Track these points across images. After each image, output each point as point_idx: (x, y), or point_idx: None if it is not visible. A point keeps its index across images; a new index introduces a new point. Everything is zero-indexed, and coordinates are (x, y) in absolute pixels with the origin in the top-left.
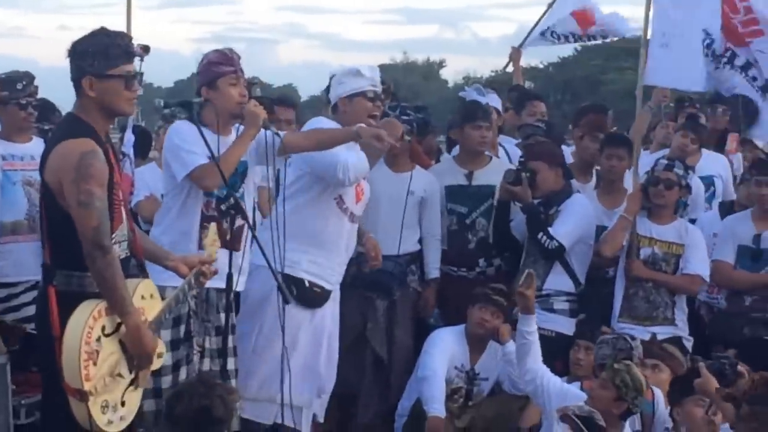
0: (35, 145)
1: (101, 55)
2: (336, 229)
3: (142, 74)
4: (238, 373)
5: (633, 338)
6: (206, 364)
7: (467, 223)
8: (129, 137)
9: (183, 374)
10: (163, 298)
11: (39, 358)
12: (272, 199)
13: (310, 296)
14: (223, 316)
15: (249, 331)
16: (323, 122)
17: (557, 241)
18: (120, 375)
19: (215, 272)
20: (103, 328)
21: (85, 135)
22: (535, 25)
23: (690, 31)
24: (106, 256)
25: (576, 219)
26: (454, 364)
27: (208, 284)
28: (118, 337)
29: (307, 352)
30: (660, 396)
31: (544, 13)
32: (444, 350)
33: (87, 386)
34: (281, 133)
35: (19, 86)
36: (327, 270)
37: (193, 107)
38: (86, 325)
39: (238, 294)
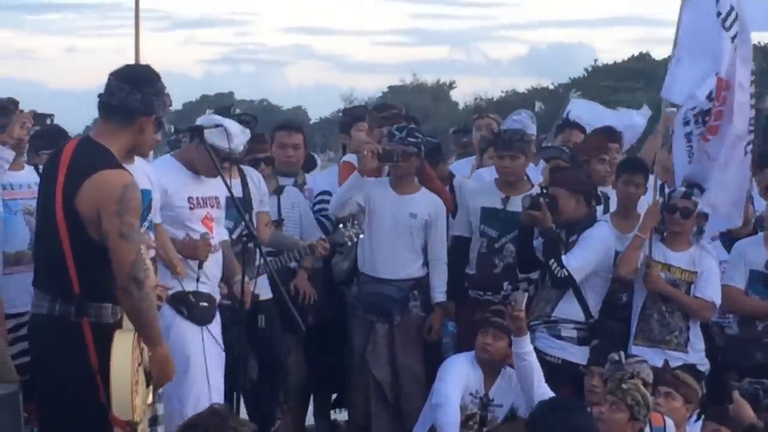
0: (29, 173)
1: (165, 99)
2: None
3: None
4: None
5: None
6: None
7: (496, 247)
8: None
9: None
10: None
11: (54, 390)
12: (270, 224)
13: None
14: None
15: None
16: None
17: (567, 271)
18: (149, 403)
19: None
20: (139, 359)
21: (119, 167)
22: None
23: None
24: (142, 289)
25: (592, 251)
26: (468, 390)
27: None
28: (143, 365)
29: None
30: (671, 425)
31: None
32: (458, 376)
33: (135, 417)
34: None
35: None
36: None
37: (203, 133)
38: (133, 358)
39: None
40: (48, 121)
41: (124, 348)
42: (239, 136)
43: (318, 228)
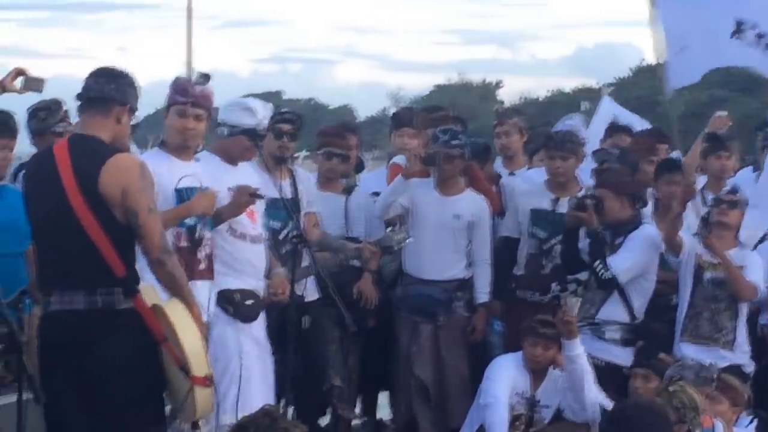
0: None
1: (137, 96)
2: (243, 252)
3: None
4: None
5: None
6: None
7: (545, 248)
8: None
9: None
10: None
11: (108, 378)
12: (317, 224)
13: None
14: None
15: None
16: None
17: (612, 273)
18: None
19: None
20: None
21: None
22: None
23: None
24: (173, 256)
25: (638, 253)
26: (515, 390)
27: None
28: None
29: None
30: (720, 427)
31: None
32: (506, 377)
33: (210, 370)
34: None
35: (42, 115)
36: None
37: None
38: (191, 319)
39: None
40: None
41: (180, 313)
42: (262, 110)
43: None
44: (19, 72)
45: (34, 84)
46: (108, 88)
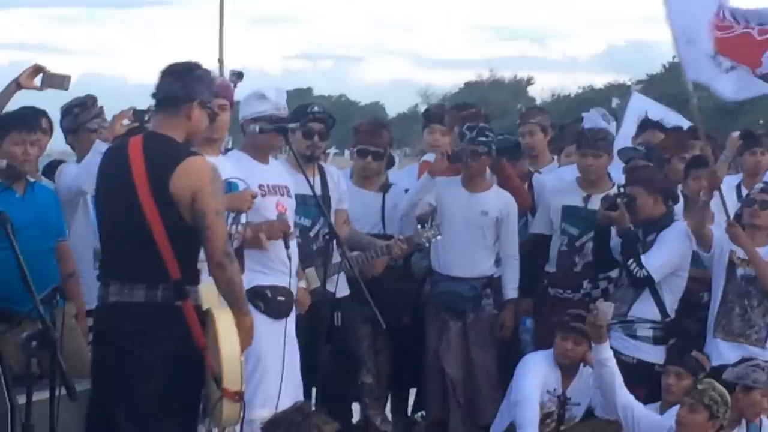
0: None
1: (209, 86)
2: (274, 249)
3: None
4: None
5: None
6: None
7: (576, 245)
8: None
9: None
10: None
11: (156, 372)
12: (347, 221)
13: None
14: None
15: None
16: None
17: (647, 271)
18: None
19: None
20: None
21: (196, 153)
22: None
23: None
24: (234, 262)
25: (671, 251)
26: (546, 388)
27: None
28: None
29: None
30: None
31: None
32: (536, 374)
33: (243, 387)
34: None
35: (76, 111)
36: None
37: (288, 131)
38: (236, 331)
39: None
40: (146, 118)
41: (227, 323)
42: (274, 94)
43: None
44: (38, 69)
45: (56, 81)
46: (174, 88)
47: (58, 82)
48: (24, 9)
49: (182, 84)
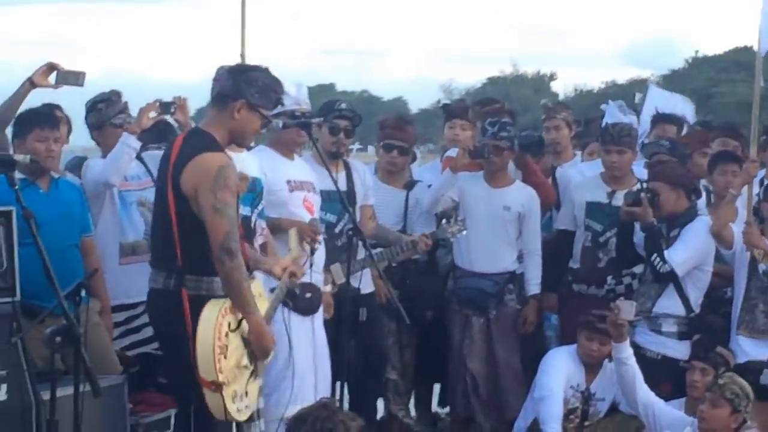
0: (138, 165)
1: (263, 90)
2: None
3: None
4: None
5: None
6: None
7: (600, 241)
8: None
9: None
10: None
11: (169, 357)
12: (373, 217)
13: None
14: None
15: None
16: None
17: (670, 265)
18: (245, 366)
19: (303, 273)
20: (229, 325)
21: (220, 150)
22: None
23: None
24: (234, 260)
25: (695, 245)
26: (570, 383)
27: None
28: (240, 332)
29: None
30: None
31: None
32: (560, 370)
33: (221, 378)
34: None
35: (101, 107)
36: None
37: (311, 127)
38: (217, 322)
39: None
40: (172, 110)
41: (211, 313)
42: (295, 89)
43: None
44: (52, 67)
45: (70, 78)
46: (225, 85)
47: (73, 78)
48: (43, 6)
49: (233, 83)
